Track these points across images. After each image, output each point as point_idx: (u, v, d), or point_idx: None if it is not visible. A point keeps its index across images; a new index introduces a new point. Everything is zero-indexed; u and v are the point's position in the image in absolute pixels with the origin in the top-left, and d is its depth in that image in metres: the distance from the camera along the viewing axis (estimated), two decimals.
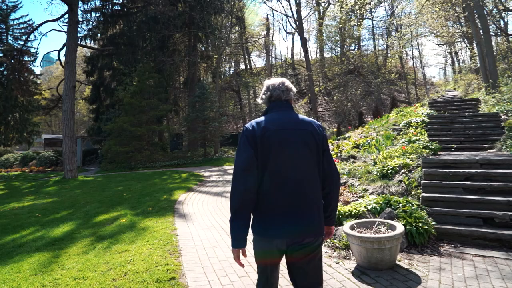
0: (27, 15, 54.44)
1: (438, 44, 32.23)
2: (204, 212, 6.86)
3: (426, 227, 4.09)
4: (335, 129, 22.47)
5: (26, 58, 25.72)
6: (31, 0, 58.65)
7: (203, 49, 29.23)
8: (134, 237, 5.10)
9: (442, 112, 10.56)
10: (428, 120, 9.17)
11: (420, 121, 9.13)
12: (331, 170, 1.94)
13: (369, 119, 20.04)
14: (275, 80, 2.04)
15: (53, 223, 6.75)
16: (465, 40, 25.60)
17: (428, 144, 7.08)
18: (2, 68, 31.51)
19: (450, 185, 4.93)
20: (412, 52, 35.17)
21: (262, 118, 1.93)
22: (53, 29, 40.63)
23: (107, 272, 3.78)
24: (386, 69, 32.96)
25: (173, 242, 4.75)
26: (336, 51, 38.74)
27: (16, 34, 35.12)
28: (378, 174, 6.05)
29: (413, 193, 5.18)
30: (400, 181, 5.61)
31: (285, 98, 1.99)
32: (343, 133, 16.35)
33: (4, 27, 36.48)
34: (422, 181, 5.20)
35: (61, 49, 18.58)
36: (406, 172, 5.87)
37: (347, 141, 9.77)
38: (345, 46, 36.89)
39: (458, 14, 18.28)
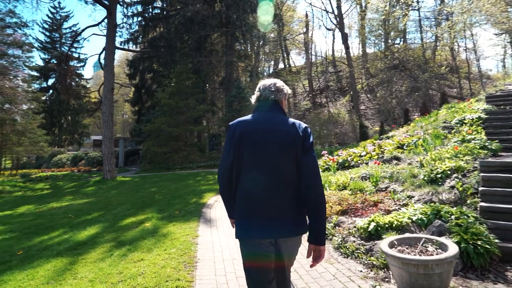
0: (78, 23, 57.88)
1: (496, 34, 29.28)
2: None
3: (487, 245, 3.33)
4: (377, 128, 21.18)
5: (71, 63, 27.16)
6: (76, 8, 63.73)
7: (242, 48, 29.07)
8: (153, 245, 4.81)
9: (502, 107, 9.28)
10: (486, 116, 8.04)
11: (476, 118, 8.03)
12: (309, 173, 1.85)
13: (416, 116, 18.61)
14: (268, 81, 2.09)
15: (82, 225, 6.73)
16: None
17: (486, 143, 6.11)
18: (55, 74, 33.80)
19: None
20: (465, 43, 32.32)
21: (247, 117, 1.99)
22: (93, 34, 42.95)
23: (117, 285, 3.51)
24: (435, 62, 30.56)
25: (191, 252, 4.38)
26: (379, 45, 36.80)
27: (67, 42, 37.46)
28: (426, 178, 5.27)
29: (468, 202, 4.37)
30: (452, 187, 4.80)
31: (274, 98, 2.02)
32: (386, 132, 15.25)
33: (58, 35, 39.21)
34: (480, 188, 4.38)
35: (101, 52, 19.34)
36: (460, 176, 5.03)
37: (390, 140, 8.92)
38: (389, 40, 34.87)
39: None
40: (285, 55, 41.35)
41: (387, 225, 4.05)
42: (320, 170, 8.67)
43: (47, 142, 25.10)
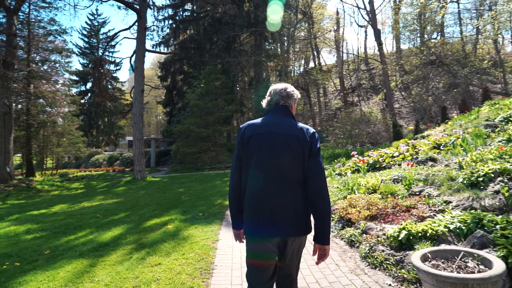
0: (114, 28, 60.40)
1: None
2: None
3: None
4: (412, 127, 20.17)
5: (108, 67, 28.15)
6: (111, 13, 68.25)
7: (271, 48, 28.85)
8: (172, 248, 4.72)
9: None
10: None
11: None
12: (315, 177, 1.91)
13: (454, 114, 17.51)
14: (279, 86, 2.13)
15: (108, 225, 6.80)
16: None
17: None
18: (93, 78, 35.31)
19: None
20: (511, 35, 30.07)
21: (257, 120, 2.05)
22: (125, 37, 44.49)
23: None
24: (476, 56, 28.63)
25: (209, 257, 4.23)
26: (415, 41, 35.22)
27: (103, 46, 39.06)
28: (465, 182, 4.78)
29: None
30: (497, 192, 4.30)
31: (284, 103, 2.07)
32: (422, 131, 14.43)
33: (96, 41, 40.99)
34: None
35: (132, 55, 19.85)
36: (506, 180, 4.51)
37: (426, 140, 8.36)
38: (425, 35, 33.21)
39: None
40: (315, 54, 40.61)
41: (420, 234, 3.67)
42: (349, 171, 8.29)
43: (84, 143, 26.22)
